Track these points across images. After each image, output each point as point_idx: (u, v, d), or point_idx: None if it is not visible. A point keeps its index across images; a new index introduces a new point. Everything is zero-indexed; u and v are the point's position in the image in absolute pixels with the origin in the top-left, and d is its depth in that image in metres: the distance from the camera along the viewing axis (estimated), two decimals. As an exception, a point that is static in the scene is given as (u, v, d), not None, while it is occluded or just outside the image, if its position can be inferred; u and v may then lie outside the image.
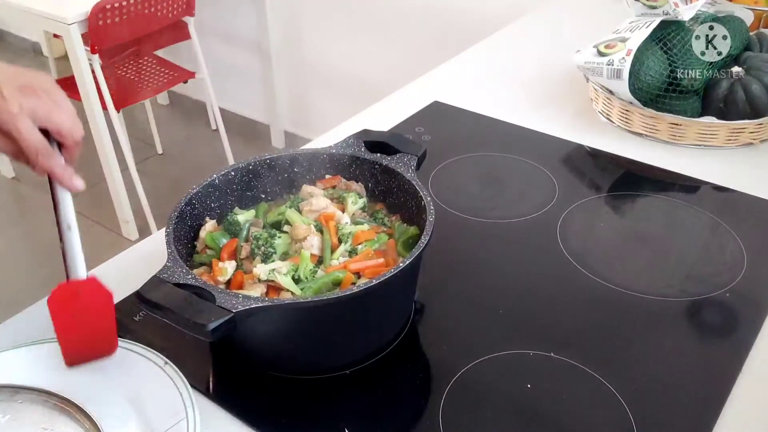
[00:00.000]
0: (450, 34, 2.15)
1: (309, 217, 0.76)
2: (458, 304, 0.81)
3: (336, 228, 0.74)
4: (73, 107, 0.67)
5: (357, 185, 0.82)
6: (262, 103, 2.93)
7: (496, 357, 0.73)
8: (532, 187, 1.02)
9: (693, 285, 0.83)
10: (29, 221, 2.64)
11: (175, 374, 0.66)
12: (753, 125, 1.06)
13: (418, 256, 0.66)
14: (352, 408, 0.68)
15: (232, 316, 0.59)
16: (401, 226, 0.77)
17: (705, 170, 1.03)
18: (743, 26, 1.11)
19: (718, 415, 0.66)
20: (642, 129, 1.12)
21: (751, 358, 0.72)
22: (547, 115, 1.20)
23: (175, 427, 0.62)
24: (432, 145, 1.10)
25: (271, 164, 0.82)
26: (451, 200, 0.98)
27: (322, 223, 0.75)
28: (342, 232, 0.74)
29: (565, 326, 0.77)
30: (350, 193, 0.80)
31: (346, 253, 0.73)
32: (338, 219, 0.76)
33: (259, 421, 0.66)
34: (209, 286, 0.62)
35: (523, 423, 0.66)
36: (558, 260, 0.87)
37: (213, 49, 2.54)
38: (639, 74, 1.07)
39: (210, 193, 0.78)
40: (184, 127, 3.16)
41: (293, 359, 0.71)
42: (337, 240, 0.74)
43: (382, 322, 0.73)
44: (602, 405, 0.67)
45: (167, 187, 2.66)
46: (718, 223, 0.93)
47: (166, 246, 0.67)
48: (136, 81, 2.44)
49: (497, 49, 1.48)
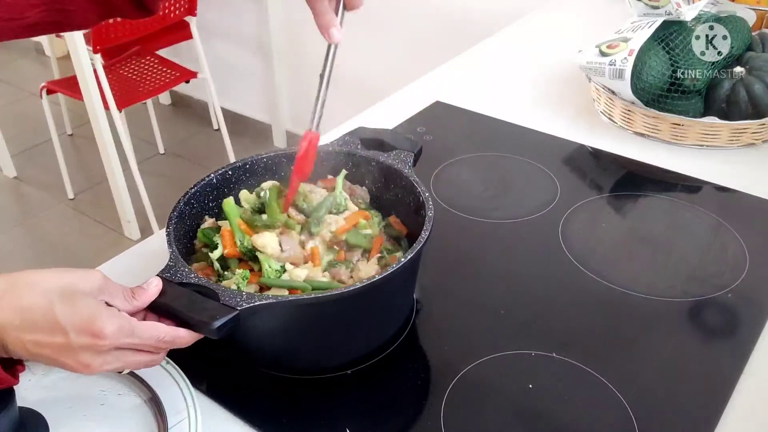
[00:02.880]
0: (452, 33, 2.15)
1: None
2: (460, 304, 0.81)
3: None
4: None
5: (361, 189, 0.82)
6: (263, 103, 2.93)
7: (497, 357, 0.72)
8: (533, 187, 1.02)
9: (695, 286, 0.82)
10: (31, 220, 2.64)
11: (176, 373, 0.67)
12: (755, 125, 1.06)
13: (419, 251, 0.66)
14: (353, 408, 0.68)
15: (237, 313, 0.59)
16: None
17: (707, 170, 1.03)
18: (745, 26, 1.11)
19: (719, 415, 0.66)
20: (644, 129, 1.12)
21: (752, 358, 0.72)
22: (548, 115, 1.20)
23: (177, 426, 0.62)
24: (434, 145, 1.10)
25: (268, 162, 0.82)
26: (453, 200, 0.98)
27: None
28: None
29: (566, 326, 0.77)
30: (366, 222, 0.76)
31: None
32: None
33: (260, 421, 0.66)
34: (212, 285, 0.62)
35: (524, 423, 0.66)
36: (560, 260, 0.86)
37: (215, 49, 2.54)
38: (641, 74, 1.07)
39: (208, 192, 0.78)
40: (185, 127, 3.16)
41: (295, 357, 0.71)
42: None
43: (383, 319, 0.73)
44: (604, 405, 0.67)
45: (169, 187, 2.66)
46: (720, 223, 0.93)
47: (167, 246, 0.67)
48: (138, 81, 2.44)
49: (499, 49, 1.48)
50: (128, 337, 0.56)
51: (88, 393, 0.66)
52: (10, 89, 3.50)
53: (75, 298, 0.54)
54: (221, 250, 0.71)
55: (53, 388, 0.66)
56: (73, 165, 2.79)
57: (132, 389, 0.67)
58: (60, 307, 0.53)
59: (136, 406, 0.65)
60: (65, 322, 0.53)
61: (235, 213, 0.73)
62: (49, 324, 0.53)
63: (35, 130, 2.97)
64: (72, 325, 0.53)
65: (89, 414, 0.64)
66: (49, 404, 0.64)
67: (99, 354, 0.55)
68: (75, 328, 0.53)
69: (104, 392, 0.66)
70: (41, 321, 0.53)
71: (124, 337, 0.55)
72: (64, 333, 0.53)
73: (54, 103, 2.70)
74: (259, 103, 2.95)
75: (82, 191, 2.73)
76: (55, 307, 0.53)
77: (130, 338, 0.56)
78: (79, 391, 0.66)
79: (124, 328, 0.55)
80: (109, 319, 0.54)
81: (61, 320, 0.53)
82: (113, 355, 0.56)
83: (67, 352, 0.54)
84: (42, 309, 0.53)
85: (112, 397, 0.66)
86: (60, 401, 0.65)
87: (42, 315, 0.53)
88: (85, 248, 2.45)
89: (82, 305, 0.54)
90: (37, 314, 0.53)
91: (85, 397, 0.65)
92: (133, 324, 0.56)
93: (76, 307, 0.54)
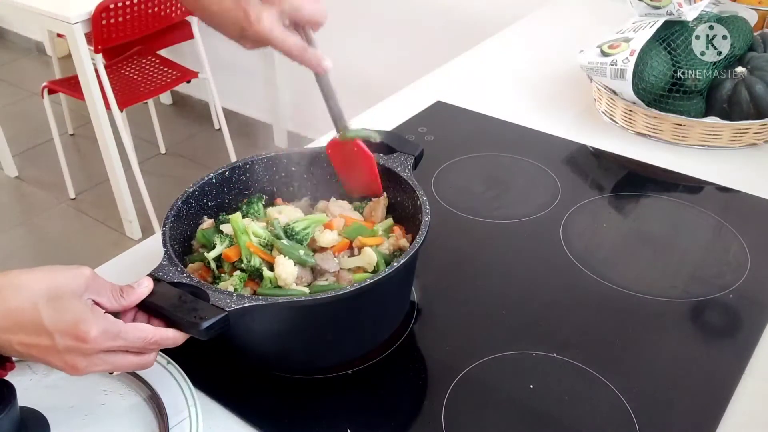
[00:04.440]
0: (453, 33, 2.15)
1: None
2: (461, 304, 0.81)
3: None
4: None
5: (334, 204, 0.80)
6: (265, 103, 2.93)
7: (498, 357, 0.72)
8: (535, 187, 1.02)
9: (696, 286, 0.82)
10: (32, 220, 2.65)
11: (177, 373, 0.67)
12: (757, 125, 1.06)
13: (413, 255, 0.66)
14: (354, 408, 0.68)
15: (226, 314, 0.59)
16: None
17: (708, 171, 1.03)
18: (747, 26, 1.11)
19: (721, 416, 0.66)
20: (645, 129, 1.12)
21: (754, 359, 0.72)
22: (550, 115, 1.20)
23: (178, 426, 0.62)
24: (435, 145, 1.10)
25: (267, 163, 0.82)
26: (454, 200, 0.98)
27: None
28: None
29: (568, 327, 0.77)
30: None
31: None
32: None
33: (261, 421, 0.67)
34: (204, 285, 0.62)
35: (525, 423, 0.66)
36: (561, 261, 0.86)
37: (216, 49, 2.53)
38: (642, 74, 1.07)
39: (207, 192, 0.78)
40: (187, 127, 3.17)
41: (289, 357, 0.71)
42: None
43: (375, 322, 0.72)
44: (605, 406, 0.67)
45: (170, 187, 2.66)
46: (721, 223, 0.93)
47: (162, 245, 0.67)
48: (139, 80, 2.44)
49: (500, 48, 1.48)
50: (113, 340, 0.56)
51: (90, 393, 0.66)
52: (11, 89, 3.50)
53: (61, 301, 0.55)
54: (219, 249, 0.71)
55: (54, 387, 0.66)
56: (75, 165, 2.80)
57: (133, 389, 0.67)
58: (45, 310, 0.54)
59: (137, 405, 0.65)
60: (50, 326, 0.54)
61: (243, 230, 0.71)
62: (34, 327, 0.54)
63: (36, 130, 2.97)
64: (57, 328, 0.54)
65: (90, 414, 0.64)
66: (51, 404, 0.64)
67: (85, 356, 0.55)
68: (60, 331, 0.54)
69: (105, 392, 0.66)
70: (27, 324, 0.54)
71: (109, 341, 0.56)
72: (50, 336, 0.54)
73: (55, 103, 2.70)
74: (261, 102, 2.95)
75: (84, 191, 2.73)
76: (40, 311, 0.54)
77: (116, 341, 0.56)
78: (81, 391, 0.66)
79: (109, 331, 0.55)
80: (94, 323, 0.55)
81: (47, 323, 0.54)
82: (100, 357, 0.56)
83: (54, 354, 0.55)
84: (28, 312, 0.54)
85: (113, 396, 0.66)
86: (61, 401, 0.65)
87: (28, 318, 0.54)
88: (86, 248, 2.45)
89: (68, 309, 0.55)
90: (23, 317, 0.54)
91: (87, 397, 0.66)
92: (119, 327, 0.56)
93: (61, 310, 0.54)
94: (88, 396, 0.66)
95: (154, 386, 0.66)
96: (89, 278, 0.57)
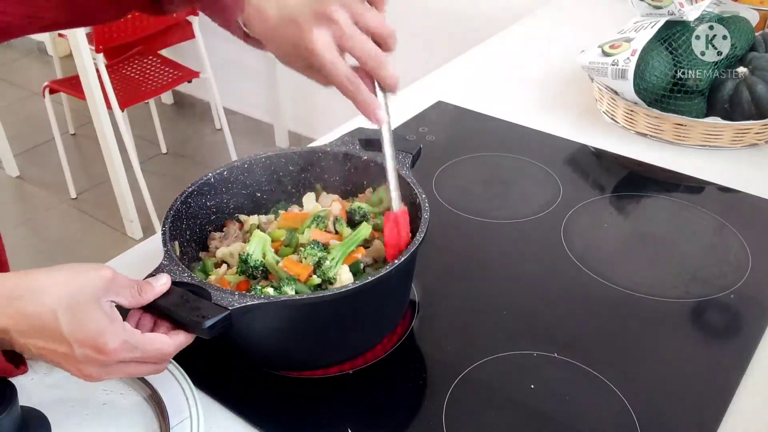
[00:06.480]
0: (454, 33, 2.15)
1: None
2: (462, 304, 0.81)
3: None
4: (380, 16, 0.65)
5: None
6: (266, 103, 2.93)
7: (499, 358, 0.72)
8: (536, 187, 1.02)
9: (697, 286, 0.82)
10: (33, 220, 2.65)
11: (178, 373, 0.67)
12: (758, 126, 1.06)
13: (413, 253, 0.66)
14: (355, 408, 0.68)
15: (228, 313, 0.59)
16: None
17: (709, 171, 1.03)
18: (748, 26, 1.11)
19: (722, 416, 0.66)
20: (646, 129, 1.12)
21: (755, 359, 0.72)
22: (551, 115, 1.20)
23: (179, 426, 0.62)
24: (436, 145, 1.10)
25: (266, 162, 0.82)
26: (455, 200, 0.98)
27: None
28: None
29: (569, 327, 0.77)
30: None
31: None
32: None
33: (262, 421, 0.67)
34: (205, 284, 0.62)
35: (526, 423, 0.66)
36: (562, 261, 0.86)
37: (217, 49, 2.53)
38: (644, 74, 1.07)
39: (206, 192, 0.78)
40: (188, 127, 3.17)
41: (291, 356, 0.71)
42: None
43: (376, 320, 0.73)
44: (606, 406, 0.67)
45: (171, 187, 2.66)
46: (722, 224, 0.93)
47: (162, 244, 0.68)
48: (140, 80, 2.44)
49: (501, 48, 1.48)
50: (131, 351, 0.56)
51: (91, 392, 0.66)
52: (12, 89, 3.50)
53: (81, 310, 0.54)
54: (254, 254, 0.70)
55: (56, 387, 0.66)
56: (76, 164, 2.80)
57: (134, 388, 0.67)
58: (64, 318, 0.53)
59: (138, 405, 0.65)
60: (69, 335, 0.53)
61: (270, 253, 0.71)
62: (52, 334, 0.53)
63: (38, 130, 2.97)
64: (75, 338, 0.53)
65: (92, 413, 0.64)
66: (52, 403, 0.64)
67: (102, 366, 0.55)
68: (78, 341, 0.53)
69: (107, 392, 0.66)
70: (45, 330, 0.53)
71: (127, 353, 0.55)
72: (68, 344, 0.53)
73: (56, 103, 2.71)
74: (262, 102, 2.95)
75: (85, 191, 2.74)
76: (59, 318, 0.53)
77: (134, 353, 0.56)
78: (82, 391, 0.66)
79: (127, 342, 0.55)
80: (114, 335, 0.54)
81: (65, 332, 0.53)
82: (115, 367, 0.56)
83: (70, 361, 0.55)
84: (46, 319, 0.53)
85: (114, 396, 0.66)
86: (62, 400, 0.65)
87: (46, 325, 0.53)
88: (88, 248, 2.45)
89: (87, 318, 0.54)
90: (41, 323, 0.53)
91: (88, 397, 0.66)
92: (137, 338, 0.56)
93: (81, 319, 0.54)
94: (89, 395, 0.66)
95: (155, 385, 0.66)
96: (109, 281, 0.57)
